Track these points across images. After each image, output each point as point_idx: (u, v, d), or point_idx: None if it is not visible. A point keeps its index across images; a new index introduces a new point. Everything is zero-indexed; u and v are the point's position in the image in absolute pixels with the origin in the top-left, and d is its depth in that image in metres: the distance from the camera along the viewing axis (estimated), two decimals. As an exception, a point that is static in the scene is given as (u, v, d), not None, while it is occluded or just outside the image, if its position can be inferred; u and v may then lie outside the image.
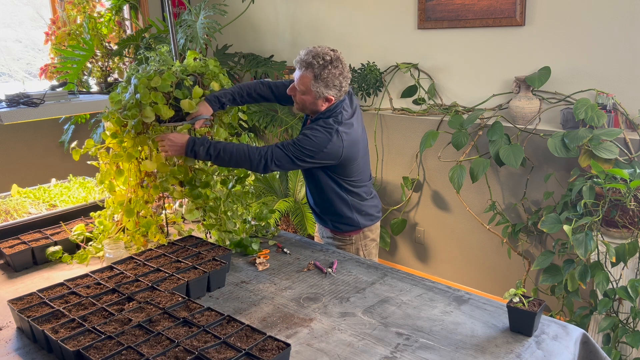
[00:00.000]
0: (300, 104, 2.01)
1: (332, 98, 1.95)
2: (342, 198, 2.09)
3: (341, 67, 1.93)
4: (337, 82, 1.92)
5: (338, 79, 1.92)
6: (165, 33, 3.69)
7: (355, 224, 2.14)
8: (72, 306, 1.49)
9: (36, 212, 2.23)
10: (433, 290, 1.71)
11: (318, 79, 1.90)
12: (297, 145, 1.89)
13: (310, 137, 1.90)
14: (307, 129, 1.94)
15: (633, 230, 2.35)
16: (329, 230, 2.20)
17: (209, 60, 2.04)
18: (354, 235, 2.17)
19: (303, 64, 1.92)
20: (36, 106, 2.13)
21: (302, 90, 1.95)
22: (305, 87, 1.93)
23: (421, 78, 3.33)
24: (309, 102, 1.97)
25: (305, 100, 1.97)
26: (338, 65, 1.92)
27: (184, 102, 1.89)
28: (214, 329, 1.36)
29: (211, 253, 1.85)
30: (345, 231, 2.16)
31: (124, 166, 1.97)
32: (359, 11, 3.54)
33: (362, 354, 1.37)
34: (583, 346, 1.47)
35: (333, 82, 1.91)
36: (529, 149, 2.90)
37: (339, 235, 2.18)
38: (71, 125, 3.85)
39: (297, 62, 1.95)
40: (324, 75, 1.89)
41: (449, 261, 3.45)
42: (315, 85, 1.91)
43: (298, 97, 1.99)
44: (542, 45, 2.83)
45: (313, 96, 1.94)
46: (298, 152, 1.89)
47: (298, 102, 2.01)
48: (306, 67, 1.91)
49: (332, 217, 2.14)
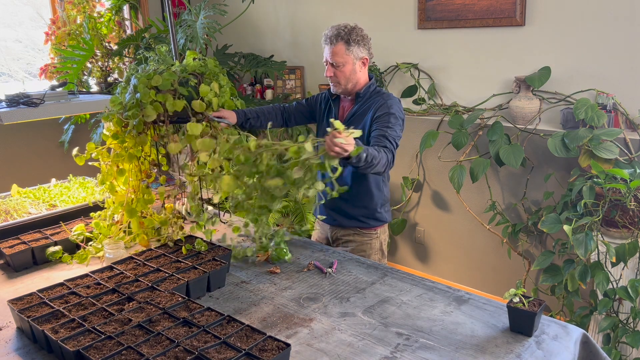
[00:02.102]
0: (342, 80, 2.06)
1: (367, 58, 2.07)
2: (379, 187, 2.16)
3: (363, 31, 2.06)
4: (366, 43, 2.05)
5: (365, 39, 2.05)
6: (165, 33, 3.68)
7: (383, 218, 2.22)
8: (72, 306, 1.49)
9: (36, 212, 2.23)
10: (433, 290, 1.71)
11: (350, 43, 2.01)
12: (394, 127, 1.96)
13: (396, 112, 1.99)
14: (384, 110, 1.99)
15: (633, 230, 2.35)
16: (353, 229, 2.21)
17: (209, 60, 2.04)
18: (379, 229, 2.23)
19: (332, 39, 2.02)
20: (36, 106, 2.13)
21: (340, 62, 2.02)
22: (341, 57, 2.02)
23: (421, 78, 3.33)
24: (349, 72, 2.04)
25: (345, 72, 2.04)
26: (360, 29, 2.05)
27: (195, 102, 1.90)
28: (214, 329, 1.36)
29: (211, 253, 1.85)
30: (372, 226, 2.21)
31: (125, 166, 1.97)
32: (359, 11, 3.54)
33: (362, 354, 1.37)
34: (583, 346, 1.47)
35: (363, 42, 2.04)
36: (529, 149, 2.90)
37: (364, 229, 2.21)
38: (71, 125, 3.85)
39: (324, 40, 2.05)
40: (353, 38, 2.01)
41: (449, 261, 3.45)
42: (349, 50, 2.02)
43: (338, 74, 2.05)
44: (542, 45, 2.83)
45: (351, 63, 2.03)
46: (398, 131, 1.97)
47: (339, 78, 2.06)
48: (335, 38, 2.01)
49: (365, 210, 2.17)
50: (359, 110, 2.10)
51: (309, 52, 3.93)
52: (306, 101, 2.32)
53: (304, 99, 2.33)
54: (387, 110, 1.99)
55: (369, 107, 2.07)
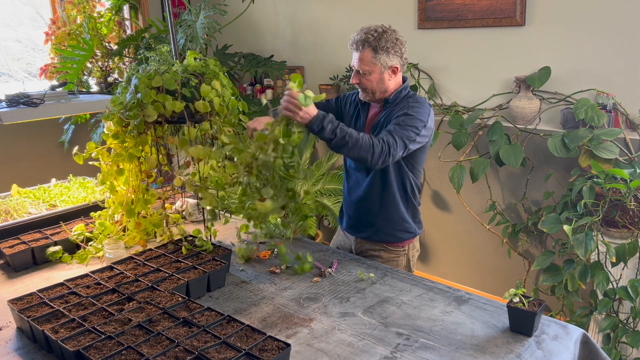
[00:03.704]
0: (369, 89, 1.91)
1: (397, 67, 1.88)
2: (407, 197, 2.01)
3: (396, 34, 1.86)
4: (398, 49, 1.86)
5: (397, 45, 1.85)
6: (165, 33, 3.68)
7: (412, 230, 2.05)
8: (72, 306, 1.49)
9: (36, 212, 2.23)
10: (433, 290, 1.71)
11: (377, 50, 1.83)
12: (405, 126, 1.79)
13: (414, 114, 1.81)
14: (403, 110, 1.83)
15: (633, 230, 2.35)
16: (379, 244, 2.05)
17: (209, 60, 2.04)
18: (408, 245, 2.07)
19: (359, 44, 1.85)
20: (36, 106, 2.13)
21: (366, 71, 1.86)
22: (367, 65, 1.85)
23: (421, 78, 3.33)
24: (376, 81, 1.88)
25: (372, 81, 1.88)
26: (392, 32, 1.86)
27: (198, 103, 1.90)
28: (214, 329, 1.36)
29: (211, 253, 1.85)
30: (400, 240, 2.04)
31: (125, 166, 1.97)
32: (359, 11, 3.54)
33: (362, 354, 1.37)
34: (583, 346, 1.47)
35: (394, 49, 1.84)
36: (529, 149, 2.90)
37: (392, 246, 2.04)
38: (71, 125, 3.85)
39: (351, 45, 1.89)
40: (382, 45, 1.82)
41: (449, 261, 3.45)
42: (376, 58, 1.84)
43: (364, 82, 1.89)
44: (542, 45, 2.82)
45: (378, 72, 1.86)
46: (409, 132, 1.78)
47: (366, 87, 1.90)
48: (362, 44, 1.84)
49: (392, 223, 2.01)
50: (384, 116, 1.93)
51: (309, 52, 3.93)
52: (335, 101, 2.15)
53: (334, 99, 2.17)
54: (406, 111, 1.83)
55: (395, 112, 1.88)
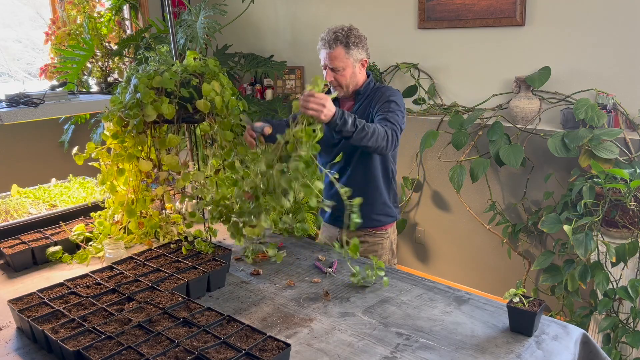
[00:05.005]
0: (343, 84, 2.03)
1: (366, 59, 2.05)
2: (388, 183, 2.13)
3: (359, 31, 2.03)
4: (364, 44, 2.02)
5: (363, 40, 2.02)
6: (165, 33, 3.68)
7: (393, 214, 2.18)
8: (72, 306, 1.49)
9: (36, 212, 2.23)
10: (433, 290, 1.71)
11: (349, 46, 1.97)
12: (396, 111, 1.93)
13: (396, 100, 1.97)
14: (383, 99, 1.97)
15: (633, 230, 2.35)
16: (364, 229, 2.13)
17: (209, 60, 2.04)
18: (389, 228, 2.19)
19: (331, 42, 1.98)
20: (36, 106, 2.12)
21: (340, 67, 1.99)
22: (341, 61, 1.98)
23: (421, 78, 3.33)
24: (349, 76, 2.02)
25: (346, 76, 2.01)
26: (356, 30, 2.02)
27: (199, 102, 1.90)
28: (214, 329, 1.36)
29: (211, 253, 1.85)
30: (383, 224, 2.16)
31: (125, 166, 1.97)
32: (359, 11, 3.54)
33: (362, 354, 1.37)
34: (583, 346, 1.47)
35: (361, 44, 2.01)
36: (529, 149, 2.90)
37: (375, 230, 2.17)
38: (71, 125, 3.85)
39: (322, 44, 2.01)
40: (352, 41, 1.97)
41: (449, 261, 3.45)
42: (349, 53, 1.98)
43: (339, 78, 2.02)
44: (542, 45, 2.83)
45: (351, 66, 2.00)
46: (400, 117, 1.94)
47: (341, 82, 2.03)
48: (334, 41, 1.97)
49: (375, 208, 2.12)
50: (360, 107, 2.07)
51: (309, 52, 3.93)
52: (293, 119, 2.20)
53: (285, 120, 2.20)
54: (387, 99, 1.98)
55: (370, 102, 2.04)
